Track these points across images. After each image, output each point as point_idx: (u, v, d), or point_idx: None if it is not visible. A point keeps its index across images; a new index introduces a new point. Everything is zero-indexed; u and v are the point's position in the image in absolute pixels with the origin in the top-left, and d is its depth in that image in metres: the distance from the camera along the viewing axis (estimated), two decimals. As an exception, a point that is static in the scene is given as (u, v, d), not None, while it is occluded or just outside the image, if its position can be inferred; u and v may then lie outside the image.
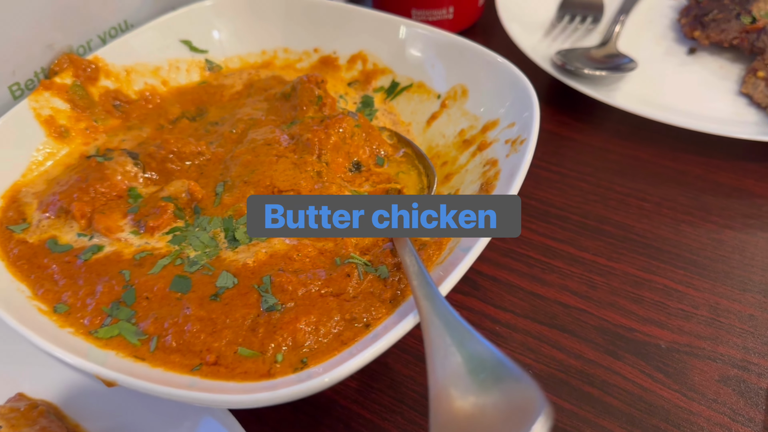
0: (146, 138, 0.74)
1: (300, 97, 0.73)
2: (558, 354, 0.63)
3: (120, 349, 0.53)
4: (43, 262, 0.60)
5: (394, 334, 0.49)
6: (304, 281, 0.57)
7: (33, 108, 0.72)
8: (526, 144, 0.62)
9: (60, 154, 0.72)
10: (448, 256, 0.59)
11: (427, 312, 0.46)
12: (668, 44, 0.98)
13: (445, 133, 0.74)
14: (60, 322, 0.56)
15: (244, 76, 0.82)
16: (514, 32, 0.92)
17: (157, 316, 0.55)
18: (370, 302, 0.56)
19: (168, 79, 0.81)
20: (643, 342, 0.64)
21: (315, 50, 0.84)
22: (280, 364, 0.52)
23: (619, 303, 0.67)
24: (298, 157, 0.67)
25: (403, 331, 0.49)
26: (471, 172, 0.68)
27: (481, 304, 0.67)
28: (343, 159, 0.69)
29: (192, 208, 0.64)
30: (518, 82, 0.68)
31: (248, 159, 0.67)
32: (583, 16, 1.00)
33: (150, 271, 0.58)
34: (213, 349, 0.53)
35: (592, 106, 0.89)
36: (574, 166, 0.81)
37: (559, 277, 0.69)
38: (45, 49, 0.75)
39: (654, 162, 0.82)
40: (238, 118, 0.74)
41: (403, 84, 0.79)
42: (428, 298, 0.48)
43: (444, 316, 0.45)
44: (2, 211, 0.66)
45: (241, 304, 0.55)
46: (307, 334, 0.53)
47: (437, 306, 0.47)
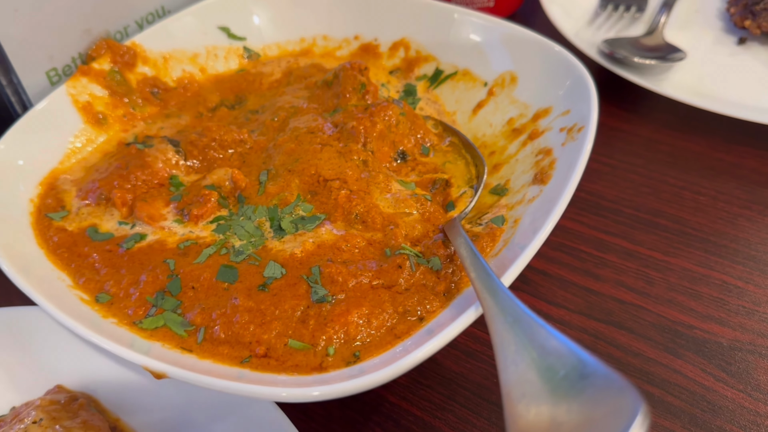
0: (185, 126, 0.72)
1: (343, 84, 0.71)
2: (615, 352, 0.60)
3: (166, 340, 0.51)
4: (84, 251, 0.59)
5: (453, 330, 0.46)
6: (354, 272, 0.55)
7: (71, 94, 0.70)
8: (585, 132, 0.59)
9: (98, 141, 0.70)
10: (503, 248, 0.56)
11: (491, 306, 0.44)
12: (717, 34, 0.95)
13: (493, 122, 0.72)
14: (103, 312, 0.54)
15: (283, 64, 0.80)
16: (558, 19, 0.90)
17: (204, 307, 0.53)
18: (424, 295, 0.54)
19: (206, 67, 0.80)
20: (703, 339, 0.61)
21: (355, 37, 0.82)
22: (332, 358, 0.50)
23: (677, 299, 0.64)
24: (342, 145, 0.65)
25: (462, 326, 0.46)
26: (522, 161, 0.66)
27: (532, 299, 0.64)
28: (388, 148, 0.67)
29: (236, 196, 0.62)
30: (574, 69, 0.65)
31: (291, 147, 0.65)
32: (627, 5, 0.97)
33: (195, 261, 0.56)
34: (263, 341, 0.50)
35: (639, 95, 0.86)
36: (624, 158, 0.78)
37: (614, 272, 0.66)
38: (82, 34, 0.74)
39: (707, 154, 0.79)
40: (279, 106, 0.72)
41: (447, 72, 0.77)
42: (490, 290, 0.46)
43: (511, 309, 0.42)
44: (41, 199, 0.64)
45: (291, 295, 0.53)
46: (360, 327, 0.51)
47: (501, 299, 0.44)
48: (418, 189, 0.64)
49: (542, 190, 0.59)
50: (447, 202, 0.64)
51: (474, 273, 0.48)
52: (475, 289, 0.47)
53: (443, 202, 0.64)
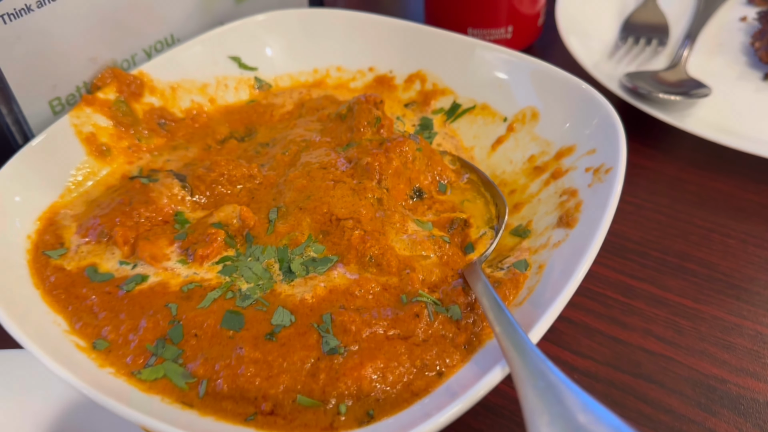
0: (192, 158, 0.69)
1: (357, 117, 0.68)
2: (645, 408, 0.56)
3: (166, 393, 0.48)
4: (82, 292, 0.55)
5: (478, 392, 0.43)
6: (368, 321, 0.51)
7: (74, 124, 0.67)
8: (614, 173, 0.56)
9: (101, 174, 0.67)
10: (528, 297, 0.53)
11: (519, 367, 0.40)
12: (741, 69, 0.92)
13: (513, 159, 0.69)
14: (100, 361, 0.50)
15: (295, 96, 0.78)
16: (577, 51, 0.87)
17: (206, 357, 0.49)
18: (443, 347, 0.50)
19: (215, 97, 0.77)
20: (737, 395, 0.57)
21: (370, 69, 0.79)
22: (345, 417, 0.46)
23: (709, 350, 0.60)
24: (357, 182, 0.62)
25: (488, 387, 0.43)
26: (545, 202, 0.63)
27: (557, 348, 0.61)
28: (404, 185, 0.64)
29: (243, 235, 0.59)
30: (600, 108, 0.62)
31: (303, 183, 0.62)
32: (648, 38, 0.94)
33: (199, 305, 0.53)
34: (269, 397, 0.47)
35: (662, 132, 0.83)
36: (649, 197, 0.75)
37: (642, 319, 0.63)
38: (87, 62, 0.71)
39: (735, 194, 0.75)
40: (290, 139, 0.69)
41: (465, 106, 0.74)
42: (517, 348, 0.42)
43: (542, 373, 0.39)
44: (38, 235, 0.61)
45: (300, 346, 0.50)
46: (374, 383, 0.48)
47: (531, 360, 0.40)
48: (436, 229, 0.61)
49: (569, 234, 0.56)
50: (466, 244, 0.60)
51: (499, 327, 0.45)
52: (501, 346, 0.43)
53: (462, 243, 0.61)
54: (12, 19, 0.63)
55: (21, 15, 0.63)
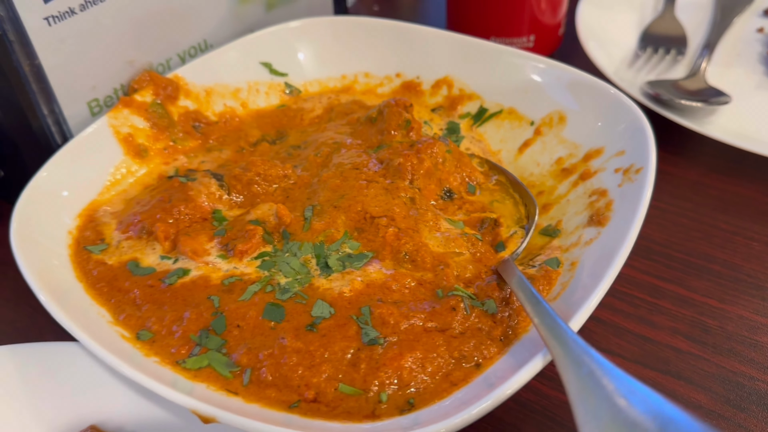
0: (226, 160, 0.71)
1: (387, 121, 0.70)
2: (675, 403, 0.57)
3: (210, 381, 0.49)
4: (125, 286, 0.57)
5: (517, 381, 0.44)
6: (406, 314, 0.52)
7: (112, 125, 0.69)
8: (644, 173, 0.57)
9: (138, 174, 0.69)
10: (562, 292, 0.54)
11: (561, 355, 0.41)
12: (759, 78, 0.94)
13: (540, 162, 0.70)
14: (145, 351, 0.52)
15: (324, 100, 0.80)
16: (598, 59, 0.89)
17: (250, 347, 0.50)
18: (480, 340, 0.51)
19: (247, 101, 0.79)
20: (766, 392, 0.58)
21: (397, 75, 0.81)
22: (386, 405, 0.47)
23: (736, 349, 0.61)
24: (389, 182, 0.64)
25: (527, 377, 0.44)
26: (573, 202, 0.64)
27: (586, 345, 0.62)
28: (435, 186, 0.65)
29: (280, 232, 0.60)
30: (629, 112, 0.64)
31: (337, 183, 0.64)
32: (667, 48, 0.96)
33: (240, 298, 0.54)
34: (312, 385, 0.48)
35: (684, 138, 0.84)
36: (673, 201, 0.76)
37: (669, 319, 0.64)
38: (125, 65, 0.73)
39: (758, 199, 0.77)
40: (322, 141, 0.71)
41: (492, 110, 0.76)
42: (558, 338, 0.43)
43: (585, 359, 0.40)
44: (79, 231, 0.63)
45: (340, 336, 0.51)
46: (414, 373, 0.49)
47: (572, 348, 0.42)
48: (467, 228, 0.62)
49: (600, 232, 0.57)
50: (497, 243, 0.62)
51: (537, 318, 0.46)
52: (541, 336, 0.44)
53: (493, 242, 0.62)
54: (57, 21, 0.65)
55: (65, 17, 0.65)
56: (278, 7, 0.87)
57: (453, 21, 0.96)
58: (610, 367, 0.39)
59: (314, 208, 0.62)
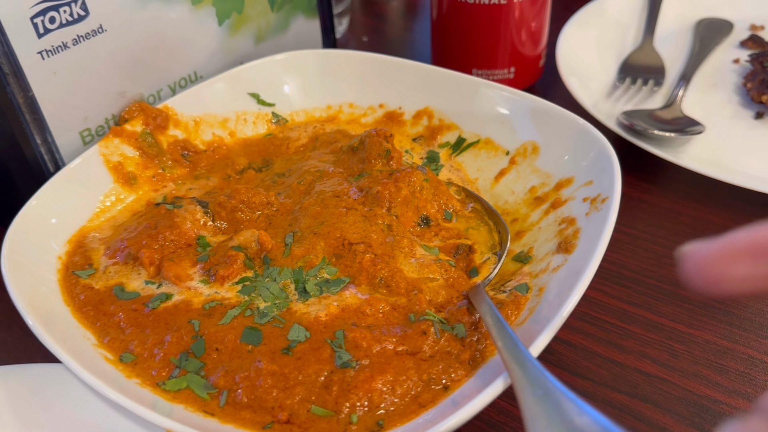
0: (213, 187, 0.74)
1: (368, 150, 0.72)
2: (641, 426, 0.59)
3: (189, 402, 0.51)
4: (110, 309, 0.59)
5: (479, 402, 0.46)
6: (378, 337, 0.54)
7: (103, 154, 0.72)
8: (609, 203, 0.60)
9: (127, 201, 0.72)
10: (529, 317, 0.56)
11: (519, 377, 0.44)
12: (734, 108, 0.96)
13: (515, 190, 0.73)
14: (127, 372, 0.54)
15: (309, 130, 0.82)
16: (576, 91, 0.92)
17: (227, 369, 0.53)
18: (449, 363, 0.53)
19: (235, 131, 0.82)
20: (730, 415, 0.60)
21: (380, 105, 0.84)
22: (356, 426, 0.49)
23: (703, 373, 0.63)
24: (368, 209, 0.66)
25: (489, 398, 0.46)
26: (545, 230, 0.66)
27: (557, 370, 0.64)
28: (412, 213, 0.68)
29: (261, 258, 0.63)
30: (596, 142, 0.66)
31: (317, 210, 0.66)
32: (645, 79, 0.99)
33: (220, 322, 0.56)
34: (285, 407, 0.50)
35: (659, 167, 0.87)
36: (645, 228, 0.78)
37: (638, 343, 0.66)
38: (116, 96, 0.76)
39: (728, 227, 0.78)
40: (305, 170, 0.74)
41: (470, 140, 0.78)
42: (518, 361, 0.45)
43: (540, 382, 0.42)
44: (68, 256, 0.65)
45: (314, 360, 0.53)
46: (384, 395, 0.51)
47: (530, 371, 0.44)
48: (442, 254, 0.65)
49: (567, 259, 0.59)
50: (470, 268, 0.64)
51: (501, 342, 0.48)
52: (503, 359, 0.46)
53: (467, 267, 0.64)
54: (50, 55, 0.68)
55: (58, 51, 0.68)
56: (267, 39, 0.90)
57: (437, 52, 1.00)
58: (565, 390, 0.41)
59: (295, 234, 0.64)
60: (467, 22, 0.92)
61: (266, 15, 0.88)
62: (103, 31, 0.71)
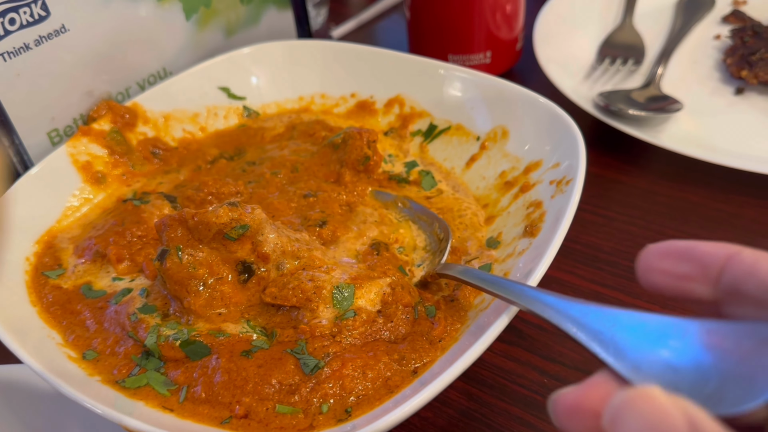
0: (183, 180, 0.73)
1: (348, 153, 0.71)
2: (612, 408, 0.58)
3: (149, 399, 0.51)
4: (76, 308, 0.59)
5: (444, 379, 0.45)
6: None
7: (70, 154, 0.72)
8: (573, 184, 0.59)
9: (96, 200, 0.72)
10: (493, 300, 0.56)
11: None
12: (714, 85, 0.95)
13: (486, 175, 0.72)
14: (89, 370, 0.54)
15: (285, 119, 0.82)
16: (554, 74, 0.91)
17: (186, 366, 0.52)
18: (419, 344, 0.53)
19: (206, 126, 0.81)
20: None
21: (352, 95, 0.83)
22: (323, 416, 0.49)
23: (677, 353, 0.63)
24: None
25: (452, 376, 0.45)
26: (513, 214, 0.66)
27: (528, 354, 0.63)
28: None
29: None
30: (561, 122, 0.65)
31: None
32: (624, 58, 0.98)
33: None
34: (243, 403, 0.50)
35: (637, 147, 0.86)
36: (622, 209, 0.78)
37: (611, 325, 0.65)
38: (84, 95, 0.76)
39: (705, 205, 0.78)
40: (279, 159, 0.73)
41: (441, 127, 0.78)
42: (519, 293, 0.44)
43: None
44: (38, 257, 0.65)
45: (277, 371, 0.51)
46: (355, 380, 0.50)
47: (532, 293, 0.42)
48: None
49: (531, 243, 0.59)
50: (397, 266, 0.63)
51: (494, 288, 0.47)
52: (503, 299, 0.45)
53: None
54: (11, 57, 0.67)
55: (20, 53, 0.68)
56: (238, 33, 0.89)
57: (414, 39, 0.99)
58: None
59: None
60: (441, 7, 0.91)
61: (236, 8, 0.87)
62: (66, 30, 0.71)
